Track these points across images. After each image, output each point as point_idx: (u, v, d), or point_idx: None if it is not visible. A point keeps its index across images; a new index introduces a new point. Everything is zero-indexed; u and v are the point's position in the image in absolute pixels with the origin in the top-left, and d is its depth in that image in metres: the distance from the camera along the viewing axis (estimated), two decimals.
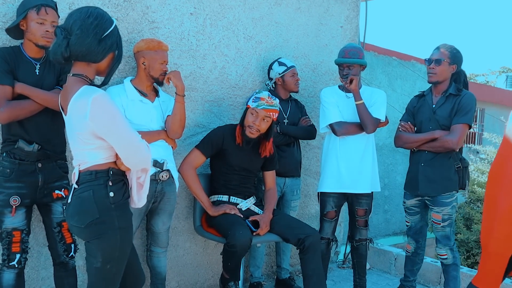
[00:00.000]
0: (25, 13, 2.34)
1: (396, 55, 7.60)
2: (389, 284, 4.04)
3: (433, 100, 3.22)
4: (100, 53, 1.92)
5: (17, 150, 2.37)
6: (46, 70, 2.46)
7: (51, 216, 2.51)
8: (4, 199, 2.35)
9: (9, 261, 2.39)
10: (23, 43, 2.44)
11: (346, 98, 3.35)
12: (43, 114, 2.41)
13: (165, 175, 2.85)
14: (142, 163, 1.99)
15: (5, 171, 2.37)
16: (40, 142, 2.42)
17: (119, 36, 2.01)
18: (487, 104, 12.84)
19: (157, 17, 3.15)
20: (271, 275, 4.02)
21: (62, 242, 2.52)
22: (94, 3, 2.84)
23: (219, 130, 3.19)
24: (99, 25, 1.90)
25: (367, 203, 3.37)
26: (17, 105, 2.32)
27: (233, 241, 2.80)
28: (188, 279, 3.51)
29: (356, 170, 3.30)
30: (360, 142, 3.32)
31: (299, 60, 4.04)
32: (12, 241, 2.38)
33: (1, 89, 2.30)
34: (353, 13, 4.48)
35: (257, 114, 3.04)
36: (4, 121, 2.32)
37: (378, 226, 7.41)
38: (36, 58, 2.45)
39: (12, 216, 2.36)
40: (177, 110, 2.82)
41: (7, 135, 2.41)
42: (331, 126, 3.29)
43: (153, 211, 2.93)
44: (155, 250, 3.01)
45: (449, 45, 3.17)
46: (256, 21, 3.73)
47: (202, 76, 3.43)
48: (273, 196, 3.28)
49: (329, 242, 3.44)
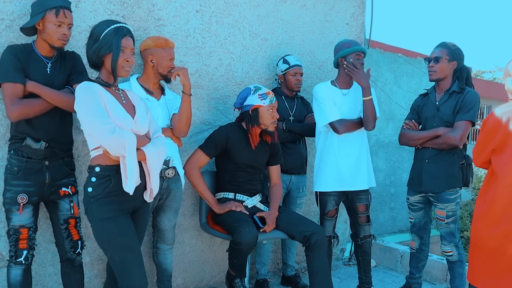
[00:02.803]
0: (43, 13, 2.35)
1: (402, 52, 7.57)
2: (395, 281, 4.04)
3: (436, 97, 3.23)
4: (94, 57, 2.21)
5: (25, 148, 2.39)
6: (57, 69, 2.48)
7: (58, 213, 2.53)
8: (11, 196, 2.37)
9: (16, 257, 2.41)
10: (36, 41, 2.45)
11: (342, 95, 3.30)
12: (51, 113, 2.43)
13: (171, 172, 2.86)
14: (109, 147, 2.11)
15: (13, 169, 2.39)
16: (47, 140, 2.43)
17: (114, 38, 2.18)
18: (494, 101, 12.77)
19: (163, 14, 3.15)
20: (277, 272, 4.02)
21: (69, 239, 2.54)
22: (100, 1, 2.85)
23: (222, 129, 3.18)
24: (91, 36, 2.22)
25: (366, 198, 3.37)
26: (28, 103, 2.34)
27: (239, 239, 2.80)
28: (194, 276, 3.53)
29: (354, 167, 3.29)
30: (357, 138, 3.30)
31: (305, 57, 4.03)
32: (20, 238, 2.40)
33: (13, 87, 2.32)
34: (359, 10, 4.46)
35: (273, 108, 3.11)
36: (14, 119, 2.34)
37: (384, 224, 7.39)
38: (48, 56, 2.46)
39: (20, 214, 2.38)
40: (184, 109, 2.82)
41: (15, 132, 2.42)
42: (331, 125, 3.24)
43: (159, 208, 2.95)
44: (161, 247, 3.02)
45: (448, 42, 3.18)
46: (262, 19, 3.73)
47: (208, 74, 3.43)
48: (278, 192, 3.28)
49: (330, 240, 3.44)
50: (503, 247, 2.30)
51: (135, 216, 2.31)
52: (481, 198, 2.48)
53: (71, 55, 2.57)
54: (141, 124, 2.27)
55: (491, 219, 2.36)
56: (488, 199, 2.40)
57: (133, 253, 2.18)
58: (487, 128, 2.43)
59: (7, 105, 2.31)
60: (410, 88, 7.32)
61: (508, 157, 2.34)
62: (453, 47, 3.16)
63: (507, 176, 2.32)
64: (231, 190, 3.21)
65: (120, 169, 2.14)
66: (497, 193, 2.35)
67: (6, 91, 2.31)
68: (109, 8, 2.90)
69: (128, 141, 2.10)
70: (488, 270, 2.38)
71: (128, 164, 2.11)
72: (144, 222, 2.41)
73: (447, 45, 3.17)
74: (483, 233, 2.39)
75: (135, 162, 2.13)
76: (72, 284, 2.62)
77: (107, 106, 2.15)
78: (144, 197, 2.29)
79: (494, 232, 2.34)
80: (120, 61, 2.20)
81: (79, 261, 2.62)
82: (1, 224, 2.59)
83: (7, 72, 2.32)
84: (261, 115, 3.09)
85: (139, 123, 2.26)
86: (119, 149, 2.09)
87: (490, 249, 2.36)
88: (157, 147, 2.27)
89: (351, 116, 3.28)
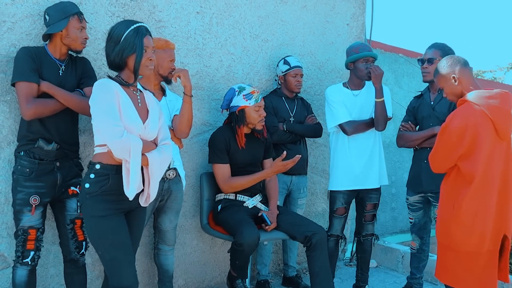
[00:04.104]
0: (67, 19, 2.45)
1: (403, 52, 7.56)
2: (396, 282, 4.04)
3: (431, 97, 3.26)
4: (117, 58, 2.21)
5: (37, 149, 2.44)
6: (68, 72, 2.55)
7: (65, 213, 2.57)
8: (23, 198, 2.41)
9: (23, 258, 2.43)
10: (49, 45, 2.52)
11: (353, 96, 3.38)
12: (63, 114, 2.48)
13: (172, 174, 2.87)
14: (114, 150, 2.11)
15: (25, 171, 2.42)
16: (59, 141, 2.49)
17: (136, 38, 2.19)
18: None
19: (164, 16, 3.16)
20: (278, 273, 4.03)
21: (74, 239, 2.57)
22: (101, 3, 2.86)
23: (219, 135, 3.16)
24: (111, 39, 2.21)
25: (376, 197, 3.44)
26: (42, 103, 2.40)
27: (240, 240, 2.81)
28: (195, 277, 3.53)
29: (366, 165, 3.35)
30: (369, 138, 3.38)
31: (305, 58, 4.04)
32: (28, 238, 2.43)
33: (28, 86, 2.37)
34: (359, 10, 4.47)
35: (260, 107, 3.10)
36: (29, 118, 2.38)
37: (385, 224, 7.38)
38: (61, 60, 2.54)
39: (32, 215, 2.41)
40: (185, 110, 2.82)
41: (27, 132, 2.46)
42: (341, 126, 3.32)
43: (160, 209, 2.95)
44: (162, 248, 3.03)
45: (441, 43, 3.20)
46: (262, 20, 3.73)
47: (209, 75, 3.44)
48: (274, 187, 3.28)
49: (338, 240, 3.44)
50: (479, 248, 2.39)
51: (131, 216, 2.31)
52: (448, 201, 2.49)
53: (82, 59, 2.66)
54: (150, 130, 2.28)
55: (464, 224, 2.40)
56: (458, 203, 2.42)
57: (124, 252, 2.19)
58: (453, 134, 2.40)
59: (22, 103, 2.36)
60: (411, 89, 7.30)
61: (477, 161, 2.37)
62: (446, 47, 3.18)
63: (477, 180, 2.36)
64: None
65: (122, 172, 2.15)
66: (466, 197, 2.39)
67: (22, 90, 2.37)
68: (110, 10, 2.91)
69: (133, 147, 2.10)
70: (469, 271, 2.43)
71: (131, 169, 2.12)
72: (140, 223, 2.41)
73: (439, 46, 3.19)
74: (459, 238, 2.43)
75: (138, 168, 2.14)
76: (76, 284, 2.64)
77: (121, 107, 2.16)
78: (140, 201, 2.28)
79: (469, 235, 2.39)
80: (144, 60, 2.22)
81: (83, 262, 2.64)
82: (3, 226, 2.60)
83: (23, 72, 2.38)
84: (248, 115, 3.10)
85: (148, 129, 2.27)
86: (124, 153, 2.10)
87: (467, 252, 2.42)
88: (161, 154, 2.27)
89: (362, 116, 3.36)
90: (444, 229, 2.49)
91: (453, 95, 2.56)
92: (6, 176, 2.58)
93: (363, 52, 3.29)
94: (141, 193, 2.27)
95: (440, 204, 2.57)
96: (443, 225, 2.50)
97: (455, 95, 2.55)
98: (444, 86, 2.58)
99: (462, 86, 2.51)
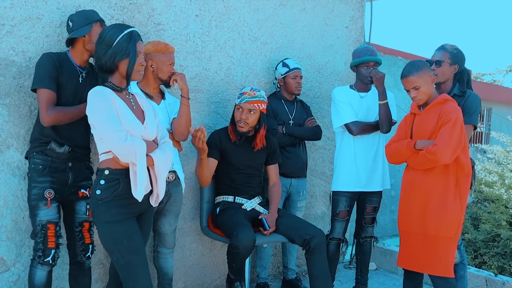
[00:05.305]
0: (90, 25, 2.50)
1: (402, 55, 7.58)
2: (396, 284, 4.03)
3: None
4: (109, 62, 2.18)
5: (49, 151, 2.48)
6: (88, 80, 2.59)
7: (74, 215, 2.59)
8: (38, 192, 2.43)
9: (44, 257, 2.42)
10: (72, 50, 2.56)
11: (359, 98, 3.40)
12: (77, 120, 2.51)
13: (171, 176, 2.87)
14: (120, 155, 2.11)
15: (38, 167, 2.46)
16: (71, 145, 2.53)
17: (129, 43, 2.18)
18: (494, 103, 12.76)
19: (163, 19, 3.16)
20: (277, 276, 4.02)
21: (81, 242, 2.59)
22: (100, 6, 2.86)
23: (214, 133, 3.24)
24: (103, 42, 2.18)
25: (377, 200, 3.44)
26: (62, 110, 2.44)
27: (236, 242, 2.81)
28: (194, 280, 3.53)
29: (370, 168, 3.37)
30: (373, 140, 3.40)
31: (304, 61, 4.05)
32: (48, 234, 2.43)
33: (49, 93, 2.42)
34: (358, 13, 4.48)
35: (242, 108, 3.10)
36: (48, 124, 2.42)
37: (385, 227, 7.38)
38: (82, 67, 2.59)
39: (48, 208, 2.42)
40: (183, 112, 2.83)
41: (39, 135, 2.49)
42: (346, 126, 3.33)
43: (159, 212, 2.95)
44: (162, 251, 3.03)
45: (450, 45, 3.16)
46: (261, 22, 3.74)
47: (208, 78, 3.44)
48: (277, 192, 3.29)
49: (339, 243, 3.44)
50: (457, 234, 2.73)
51: (140, 220, 2.32)
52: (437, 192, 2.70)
53: None
54: (150, 130, 2.29)
55: (462, 212, 2.71)
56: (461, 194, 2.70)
57: (138, 257, 2.19)
58: (462, 127, 2.67)
59: (42, 110, 2.39)
60: None
61: (468, 152, 2.72)
62: (455, 50, 3.13)
63: (467, 170, 2.71)
64: (230, 193, 3.22)
65: (130, 174, 2.15)
66: (466, 187, 2.72)
67: (43, 97, 2.40)
68: (109, 13, 2.91)
69: (139, 149, 2.11)
70: (444, 257, 2.72)
71: (138, 171, 2.12)
72: (148, 226, 2.43)
73: (449, 48, 3.14)
74: (453, 225, 2.70)
75: (145, 169, 2.15)
76: (79, 286, 2.65)
77: (119, 112, 2.17)
78: (150, 202, 2.30)
79: (459, 222, 2.70)
80: (136, 65, 2.22)
81: (88, 265, 2.66)
82: (2, 229, 2.59)
83: (44, 79, 2.42)
84: (235, 114, 3.15)
85: (148, 129, 2.28)
86: (130, 157, 2.11)
87: (447, 237, 2.71)
88: (164, 152, 2.28)
89: (367, 118, 3.38)
90: (425, 218, 2.71)
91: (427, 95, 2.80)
92: (5, 179, 2.58)
93: (364, 57, 3.32)
94: (150, 194, 2.29)
95: (417, 195, 2.77)
96: (424, 215, 2.72)
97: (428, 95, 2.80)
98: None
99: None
